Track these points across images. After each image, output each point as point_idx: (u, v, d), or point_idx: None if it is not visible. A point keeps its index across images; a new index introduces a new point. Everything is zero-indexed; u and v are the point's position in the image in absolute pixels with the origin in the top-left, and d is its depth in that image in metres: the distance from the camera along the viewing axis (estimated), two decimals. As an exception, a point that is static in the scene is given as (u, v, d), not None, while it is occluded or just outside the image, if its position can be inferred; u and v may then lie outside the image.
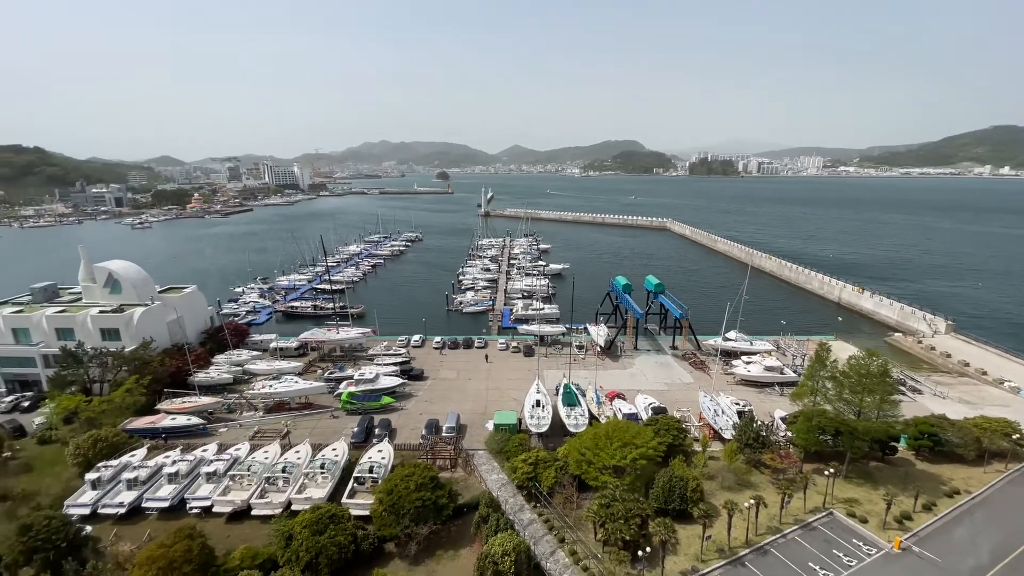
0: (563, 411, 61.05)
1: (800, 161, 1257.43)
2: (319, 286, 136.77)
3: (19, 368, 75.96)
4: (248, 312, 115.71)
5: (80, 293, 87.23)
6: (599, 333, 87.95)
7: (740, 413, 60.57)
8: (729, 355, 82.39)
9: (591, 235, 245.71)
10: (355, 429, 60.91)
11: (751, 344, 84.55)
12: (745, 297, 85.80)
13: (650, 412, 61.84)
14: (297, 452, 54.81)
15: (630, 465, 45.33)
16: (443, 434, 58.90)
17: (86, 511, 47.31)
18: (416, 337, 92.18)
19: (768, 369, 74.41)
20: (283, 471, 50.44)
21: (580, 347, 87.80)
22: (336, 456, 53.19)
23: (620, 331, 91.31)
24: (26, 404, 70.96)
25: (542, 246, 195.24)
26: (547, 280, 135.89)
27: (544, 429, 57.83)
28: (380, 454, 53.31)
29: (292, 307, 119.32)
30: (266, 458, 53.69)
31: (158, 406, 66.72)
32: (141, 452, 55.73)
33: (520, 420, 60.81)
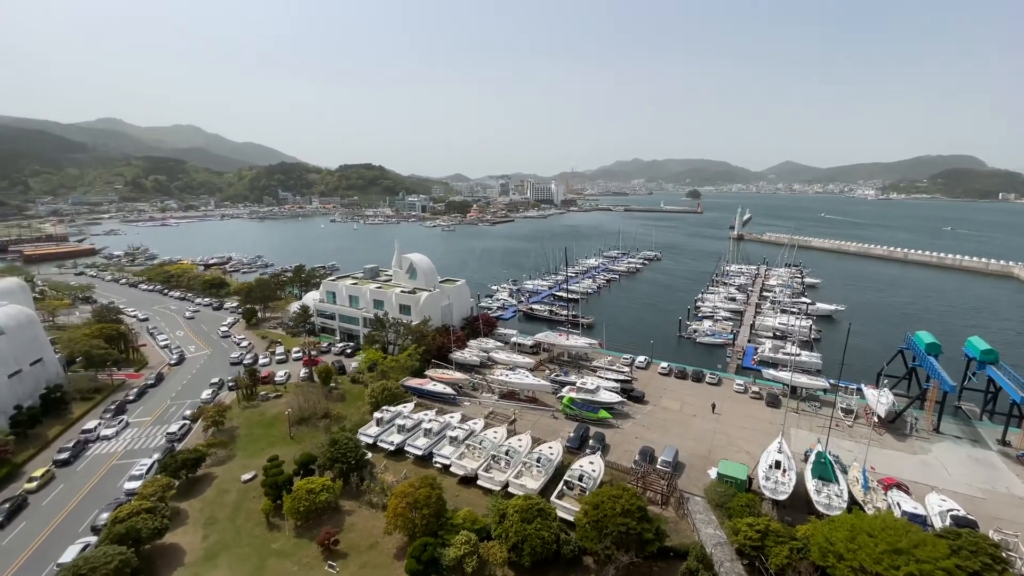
0: (811, 483, 50.14)
1: None
2: (558, 293, 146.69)
3: (350, 324, 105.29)
4: (498, 308, 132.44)
5: (391, 275, 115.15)
6: (880, 399, 68.86)
7: None
8: (1120, 478, 54.07)
9: (884, 273, 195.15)
10: (571, 434, 62.81)
11: None
12: None
13: (947, 520, 45.30)
14: (520, 440, 59.84)
15: (905, 582, 34.06)
16: (658, 466, 55.52)
17: (370, 441, 61.69)
18: (641, 358, 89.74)
19: None
20: (507, 453, 55.94)
21: (848, 411, 70.75)
22: (551, 454, 55.97)
23: (914, 403, 69.81)
24: (349, 351, 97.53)
25: (808, 280, 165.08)
26: (810, 321, 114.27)
27: (782, 497, 48.58)
28: (591, 465, 53.65)
29: (532, 309, 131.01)
30: (495, 437, 60.40)
31: (426, 372, 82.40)
32: (410, 405, 69.67)
33: (751, 478, 52.59)
